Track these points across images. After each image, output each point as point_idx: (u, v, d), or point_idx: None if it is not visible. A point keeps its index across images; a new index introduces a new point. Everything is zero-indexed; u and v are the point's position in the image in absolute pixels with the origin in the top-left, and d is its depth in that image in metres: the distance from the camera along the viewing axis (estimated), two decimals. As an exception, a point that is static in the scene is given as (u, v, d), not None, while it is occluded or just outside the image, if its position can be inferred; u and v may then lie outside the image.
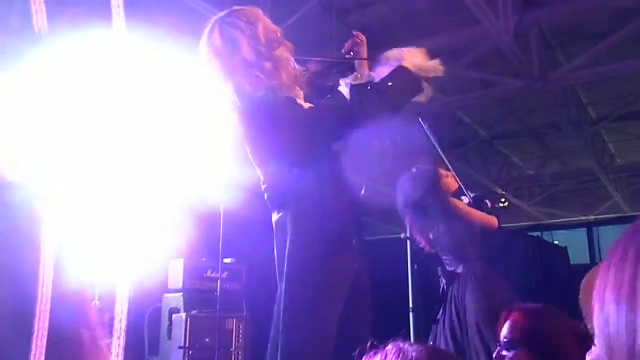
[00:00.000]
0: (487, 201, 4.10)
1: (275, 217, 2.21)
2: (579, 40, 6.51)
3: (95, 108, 4.62)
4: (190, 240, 6.12)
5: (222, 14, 2.30)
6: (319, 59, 2.35)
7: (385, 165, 2.43)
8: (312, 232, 2.11)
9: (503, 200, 5.74)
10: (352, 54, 2.38)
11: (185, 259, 6.04)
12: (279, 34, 2.27)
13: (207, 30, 2.28)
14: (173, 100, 5.08)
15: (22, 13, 4.54)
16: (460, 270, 3.92)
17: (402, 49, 2.22)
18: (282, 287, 2.13)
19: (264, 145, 2.23)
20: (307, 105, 2.24)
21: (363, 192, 2.33)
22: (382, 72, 2.28)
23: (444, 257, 4.09)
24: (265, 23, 2.26)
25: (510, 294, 3.76)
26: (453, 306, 3.81)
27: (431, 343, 4.01)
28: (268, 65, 2.17)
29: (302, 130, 2.13)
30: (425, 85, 2.21)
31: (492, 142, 9.78)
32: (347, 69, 2.38)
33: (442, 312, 3.93)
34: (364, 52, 2.41)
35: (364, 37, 2.39)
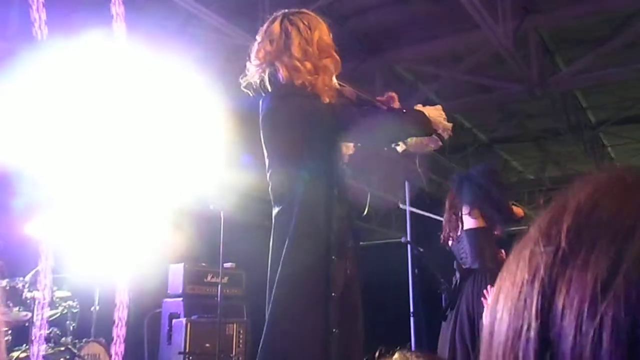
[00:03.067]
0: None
1: (274, 211, 2.23)
2: (578, 45, 6.52)
3: (96, 112, 4.61)
4: (190, 244, 6.12)
5: (290, 10, 2.42)
6: (353, 89, 2.44)
7: (385, 171, 2.46)
8: (309, 234, 2.12)
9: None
10: (384, 103, 2.47)
11: (185, 264, 6.04)
12: (331, 49, 2.37)
13: (270, 19, 2.41)
14: (173, 105, 5.09)
15: (21, 18, 4.55)
16: (475, 267, 3.96)
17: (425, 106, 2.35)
18: (272, 286, 2.14)
19: (277, 131, 2.27)
20: (330, 104, 2.31)
21: (368, 198, 2.35)
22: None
23: (461, 254, 4.12)
24: (322, 33, 2.37)
25: None
26: (464, 301, 3.84)
27: (440, 340, 4.03)
28: (309, 65, 2.27)
29: (316, 126, 2.17)
30: (433, 135, 2.29)
31: (492, 147, 9.79)
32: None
33: (453, 308, 3.94)
34: (395, 107, 2.51)
35: (397, 97, 2.51)
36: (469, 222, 4.14)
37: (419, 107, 2.33)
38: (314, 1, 5.33)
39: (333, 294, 2.09)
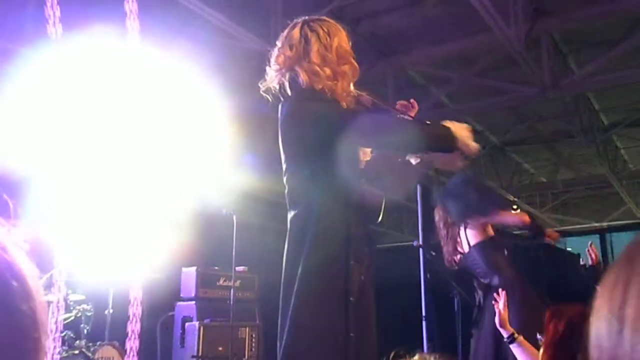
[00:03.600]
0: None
1: (290, 214, 2.24)
2: (590, 47, 6.50)
3: (109, 116, 4.64)
4: (203, 248, 6.15)
5: (310, 17, 2.46)
6: (371, 96, 2.45)
7: (398, 175, 2.45)
8: (327, 240, 2.12)
9: (514, 207, 5.74)
10: (402, 111, 2.48)
11: (198, 267, 6.07)
12: (350, 56, 2.40)
13: (290, 25, 2.45)
14: (186, 109, 5.11)
15: (35, 21, 4.59)
16: (495, 281, 3.87)
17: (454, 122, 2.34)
18: (287, 288, 2.14)
19: (296, 134, 2.28)
20: (350, 109, 2.33)
21: (383, 204, 2.35)
22: None
23: (477, 270, 4.04)
24: (341, 40, 2.39)
25: (543, 300, 3.75)
26: (489, 320, 3.74)
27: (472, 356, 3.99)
28: (328, 71, 2.30)
29: (335, 130, 2.17)
30: (458, 152, 2.26)
31: (504, 149, 9.76)
32: None
33: (480, 325, 3.89)
34: (413, 115, 2.53)
35: (417, 107, 2.52)
36: (473, 236, 4.05)
37: (447, 122, 2.32)
38: (326, 5, 5.34)
39: (351, 299, 2.10)
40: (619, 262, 0.63)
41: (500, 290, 3.52)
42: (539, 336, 2.64)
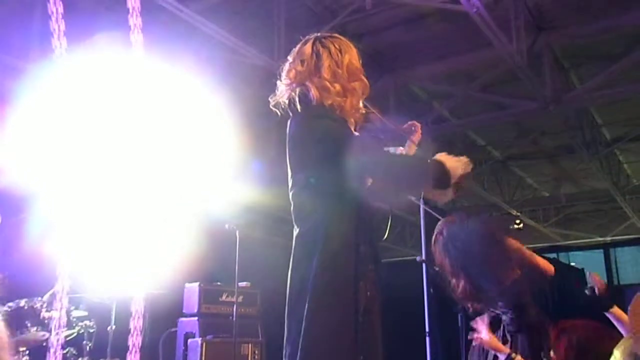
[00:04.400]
0: None
1: (295, 231, 2.23)
2: (592, 62, 6.52)
3: (112, 130, 4.64)
4: (206, 264, 6.14)
5: (322, 33, 2.47)
6: (377, 113, 2.46)
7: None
8: (341, 257, 2.11)
9: (517, 221, 5.72)
10: (406, 132, 2.51)
11: (201, 283, 6.05)
12: (360, 73, 2.41)
13: (302, 40, 2.45)
14: (189, 123, 5.13)
15: (42, 38, 4.62)
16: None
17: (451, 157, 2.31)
18: (292, 305, 2.12)
19: (304, 150, 2.27)
20: (356, 134, 2.33)
21: (389, 221, 2.35)
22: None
23: (503, 317, 3.90)
24: (352, 57, 2.41)
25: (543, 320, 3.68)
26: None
27: None
28: (338, 87, 2.30)
29: (343, 150, 2.17)
30: (450, 188, 2.26)
31: (507, 164, 9.76)
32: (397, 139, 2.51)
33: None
34: (416, 138, 2.55)
35: (420, 129, 2.55)
36: None
37: (441, 157, 2.29)
38: (329, 21, 5.38)
39: (360, 319, 2.08)
40: None
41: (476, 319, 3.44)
42: (551, 354, 2.62)
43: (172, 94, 4.84)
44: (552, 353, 2.93)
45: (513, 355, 3.00)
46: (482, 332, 3.10)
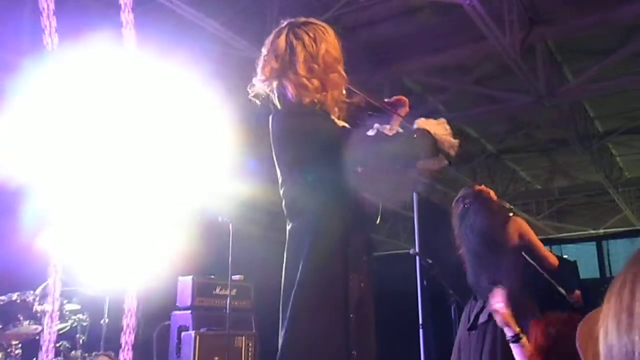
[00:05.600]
0: None
1: (288, 227, 2.23)
2: (585, 56, 6.53)
3: (104, 123, 4.62)
4: (199, 257, 6.13)
5: (296, 20, 2.37)
6: (362, 93, 2.39)
7: (394, 182, 2.42)
8: (325, 254, 2.11)
9: (510, 214, 5.72)
10: (393, 107, 2.44)
11: (194, 276, 6.05)
12: (338, 63, 2.32)
13: (276, 30, 2.36)
14: (182, 117, 5.12)
15: (33, 32, 4.59)
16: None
17: (429, 119, 2.26)
18: (286, 301, 2.13)
19: (291, 151, 2.24)
20: (341, 124, 2.29)
21: (380, 211, 2.33)
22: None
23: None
24: (328, 46, 2.31)
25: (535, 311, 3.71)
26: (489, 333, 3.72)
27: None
28: (316, 82, 2.24)
29: (329, 146, 2.15)
30: (439, 154, 2.22)
31: (500, 157, 9.78)
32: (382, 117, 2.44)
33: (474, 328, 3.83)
34: (404, 112, 2.46)
35: (408, 102, 2.47)
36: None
37: (421, 123, 2.25)
38: (323, 13, 5.36)
39: (351, 315, 2.08)
40: (627, 264, 0.65)
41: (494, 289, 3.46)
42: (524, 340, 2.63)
43: (165, 89, 4.83)
44: (524, 339, 2.89)
45: (521, 335, 2.95)
46: (500, 302, 3.06)
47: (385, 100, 2.47)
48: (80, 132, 4.43)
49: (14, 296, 4.38)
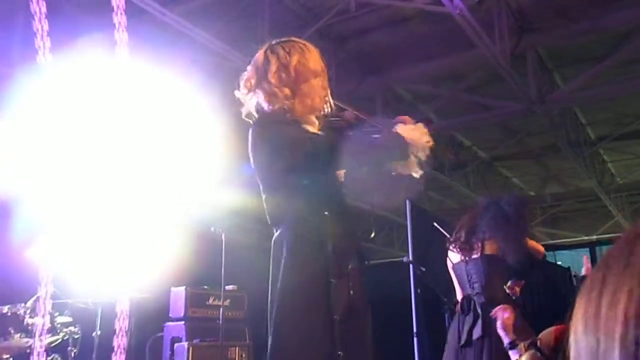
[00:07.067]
0: None
1: (274, 234, 2.25)
2: (576, 63, 6.57)
3: (94, 133, 4.59)
4: (192, 267, 6.11)
5: (277, 40, 2.49)
6: (352, 110, 2.43)
7: (387, 190, 2.42)
8: (302, 259, 2.13)
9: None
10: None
11: (187, 287, 6.02)
12: (311, 74, 2.38)
13: (261, 49, 2.48)
14: (174, 127, 5.11)
15: (23, 43, 4.58)
16: (482, 300, 3.83)
17: (408, 125, 2.28)
18: (272, 310, 2.14)
19: (268, 160, 2.29)
20: (312, 131, 2.31)
21: (372, 220, 2.34)
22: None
23: (473, 277, 3.99)
24: (302, 58, 2.38)
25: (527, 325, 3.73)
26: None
27: None
28: (286, 90, 2.32)
29: (304, 153, 2.18)
30: (411, 157, 2.24)
31: (492, 164, 9.81)
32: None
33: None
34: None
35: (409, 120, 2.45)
36: (488, 247, 4.02)
37: (398, 129, 2.27)
38: (314, 23, 5.37)
39: (335, 317, 2.08)
40: (598, 265, 0.65)
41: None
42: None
43: (158, 99, 4.82)
44: (521, 346, 2.88)
45: (517, 342, 2.95)
46: (508, 312, 3.08)
47: (392, 121, 2.47)
48: (72, 141, 4.41)
49: (5, 309, 4.34)
